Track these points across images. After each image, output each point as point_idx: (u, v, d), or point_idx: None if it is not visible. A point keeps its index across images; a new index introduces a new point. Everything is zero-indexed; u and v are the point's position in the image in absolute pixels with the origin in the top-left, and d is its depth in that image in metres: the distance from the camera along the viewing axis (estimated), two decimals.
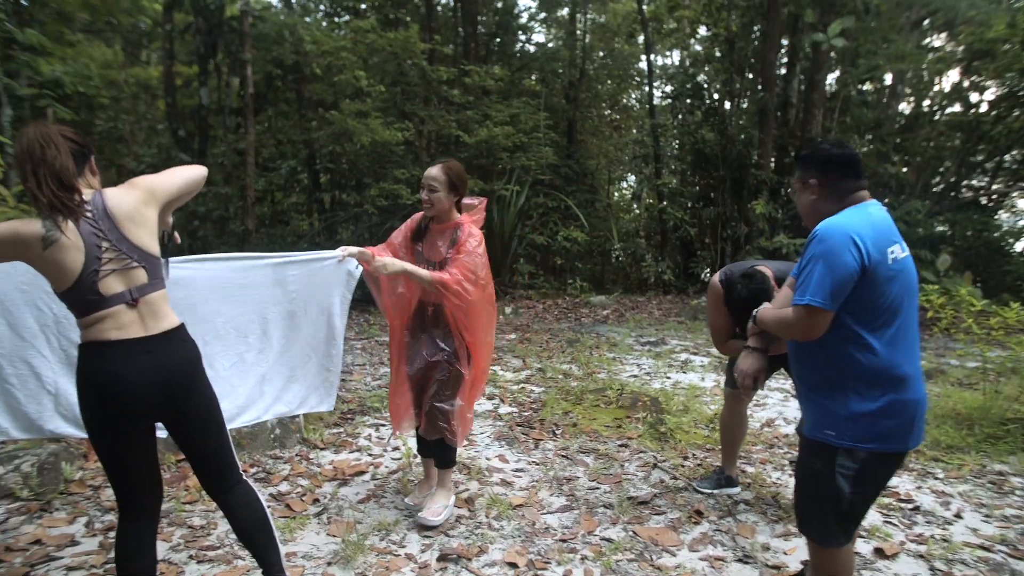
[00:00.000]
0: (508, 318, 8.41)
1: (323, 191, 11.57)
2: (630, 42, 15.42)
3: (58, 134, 1.74)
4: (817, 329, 1.75)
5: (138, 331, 1.79)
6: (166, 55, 11.45)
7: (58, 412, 2.38)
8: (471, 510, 2.90)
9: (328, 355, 2.86)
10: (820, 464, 1.83)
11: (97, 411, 1.78)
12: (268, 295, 2.67)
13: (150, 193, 1.89)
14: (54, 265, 1.70)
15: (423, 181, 2.66)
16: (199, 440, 1.95)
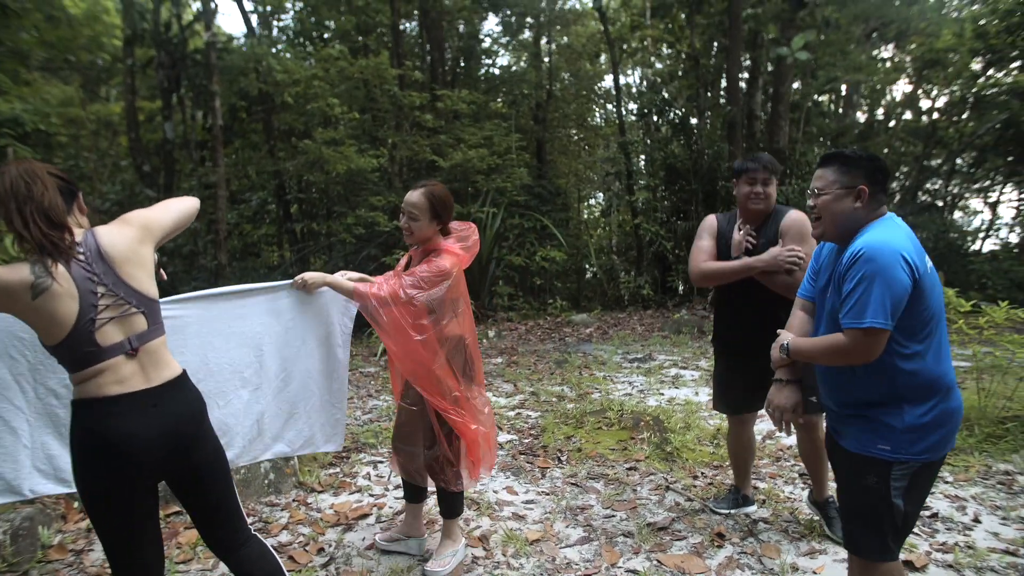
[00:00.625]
0: (492, 341, 8.29)
1: (294, 222, 11.37)
2: (594, 62, 15.64)
3: (44, 171, 1.61)
4: (877, 350, 1.70)
5: (140, 383, 1.64)
6: (128, 90, 11.19)
7: (36, 468, 2.15)
8: (486, 548, 2.76)
9: (330, 390, 2.65)
10: (874, 480, 1.77)
11: (99, 474, 1.61)
12: (261, 326, 2.47)
13: (145, 230, 1.75)
14: (45, 315, 1.54)
15: (403, 207, 2.47)
16: (208, 495, 1.80)
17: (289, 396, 2.55)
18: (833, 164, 1.86)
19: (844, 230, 1.83)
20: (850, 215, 1.82)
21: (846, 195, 1.81)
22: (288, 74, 8.41)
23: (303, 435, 2.58)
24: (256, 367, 2.46)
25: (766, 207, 2.71)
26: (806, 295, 2.09)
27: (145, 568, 1.71)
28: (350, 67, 8.67)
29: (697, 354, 7.06)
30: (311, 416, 2.59)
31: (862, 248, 1.70)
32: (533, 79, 13.74)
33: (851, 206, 1.81)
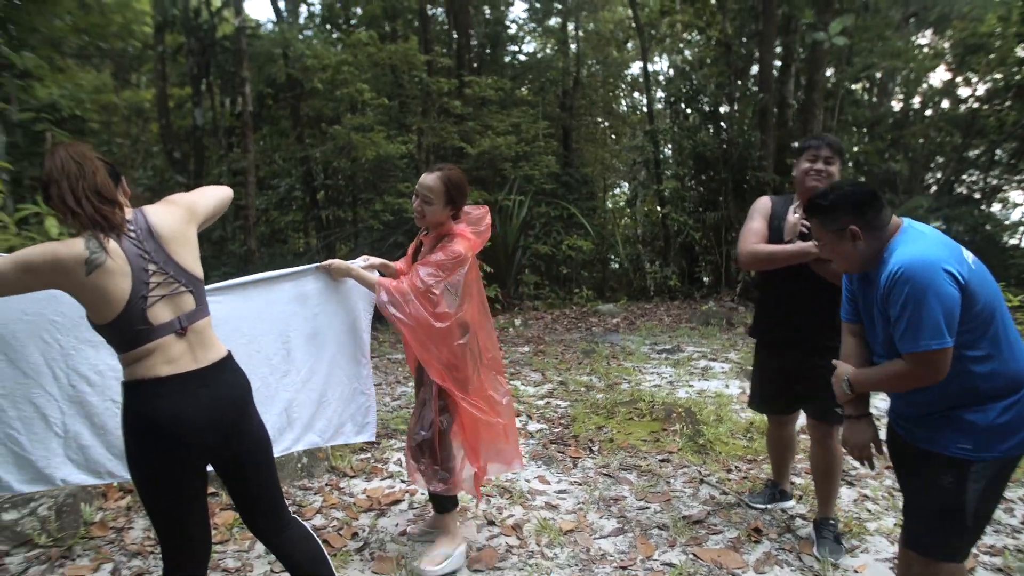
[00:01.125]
0: (519, 330, 8.27)
1: (321, 208, 11.43)
2: (622, 49, 15.43)
3: (90, 152, 1.62)
4: (944, 368, 1.65)
5: (189, 364, 1.63)
6: (158, 77, 11.31)
7: (68, 457, 2.13)
8: (520, 537, 2.74)
9: (358, 376, 2.63)
10: (951, 479, 1.71)
11: (151, 456, 1.62)
12: (289, 312, 2.45)
13: (191, 211, 1.76)
14: (98, 292, 1.53)
15: (417, 189, 2.41)
16: (253, 478, 1.80)
17: (318, 384, 2.52)
18: (815, 216, 1.85)
19: (861, 264, 1.80)
20: (857, 254, 1.78)
21: (841, 239, 1.78)
22: (318, 60, 8.41)
23: (333, 424, 2.56)
24: (284, 354, 2.45)
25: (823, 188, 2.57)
26: (851, 319, 2.00)
27: (192, 546, 1.73)
28: (379, 52, 8.65)
29: (727, 346, 6.96)
30: (341, 405, 2.56)
31: (899, 268, 1.64)
32: (560, 66, 13.60)
33: (853, 247, 1.77)
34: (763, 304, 2.85)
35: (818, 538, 2.63)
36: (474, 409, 2.39)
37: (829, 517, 2.66)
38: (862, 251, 1.76)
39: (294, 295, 2.46)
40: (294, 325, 2.45)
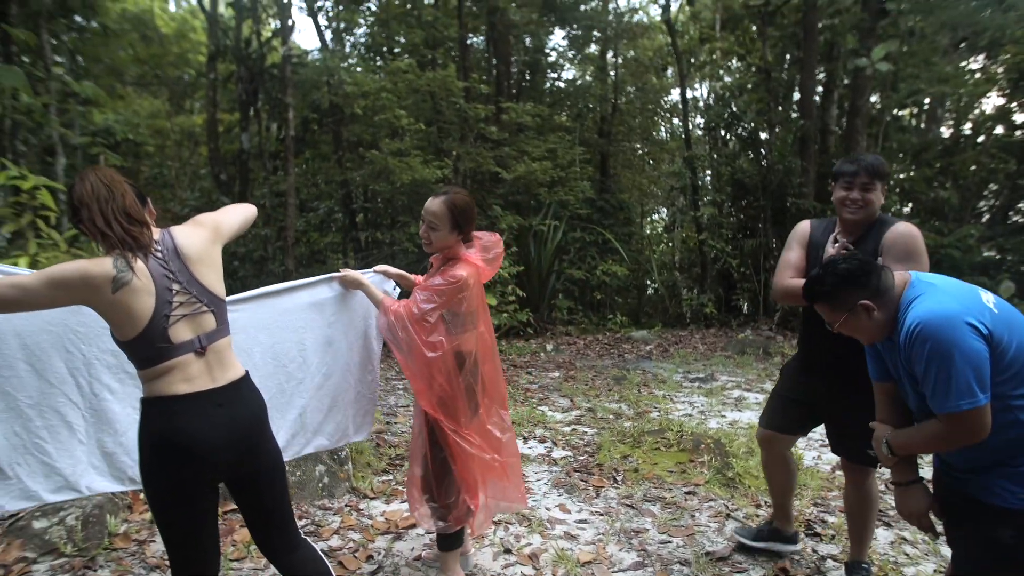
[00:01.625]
0: (550, 355, 8.21)
1: (359, 230, 11.64)
2: (661, 76, 15.44)
3: (119, 176, 1.69)
4: (985, 424, 1.56)
5: (207, 383, 1.67)
6: (209, 103, 11.79)
7: (91, 464, 2.16)
8: (536, 567, 2.68)
9: (363, 381, 2.64)
10: (1010, 534, 1.60)
11: (167, 473, 1.64)
12: (305, 321, 2.48)
13: (216, 232, 1.82)
14: (123, 310, 1.58)
15: (423, 214, 2.33)
16: (266, 497, 1.81)
17: (330, 390, 2.55)
18: (822, 303, 1.79)
19: (882, 333, 1.75)
20: (876, 325, 1.72)
21: (855, 315, 1.72)
22: (357, 86, 8.64)
23: (340, 428, 2.59)
24: (299, 362, 2.48)
25: (864, 216, 2.32)
26: (881, 377, 1.91)
27: (202, 563, 1.74)
28: (417, 80, 8.84)
29: (762, 376, 6.77)
30: (347, 408, 2.59)
31: (917, 324, 1.58)
32: (598, 92, 13.67)
33: (871, 320, 1.71)
34: (805, 334, 2.64)
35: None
36: (465, 443, 2.29)
37: (862, 560, 2.53)
38: (879, 321, 1.71)
39: (310, 303, 2.49)
40: (310, 333, 2.49)
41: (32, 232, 4.52)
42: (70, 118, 7.85)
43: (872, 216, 2.33)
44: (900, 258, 2.20)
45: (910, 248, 2.22)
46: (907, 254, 2.20)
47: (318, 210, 11.71)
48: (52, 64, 7.18)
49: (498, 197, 10.07)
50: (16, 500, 2.03)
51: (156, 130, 13.43)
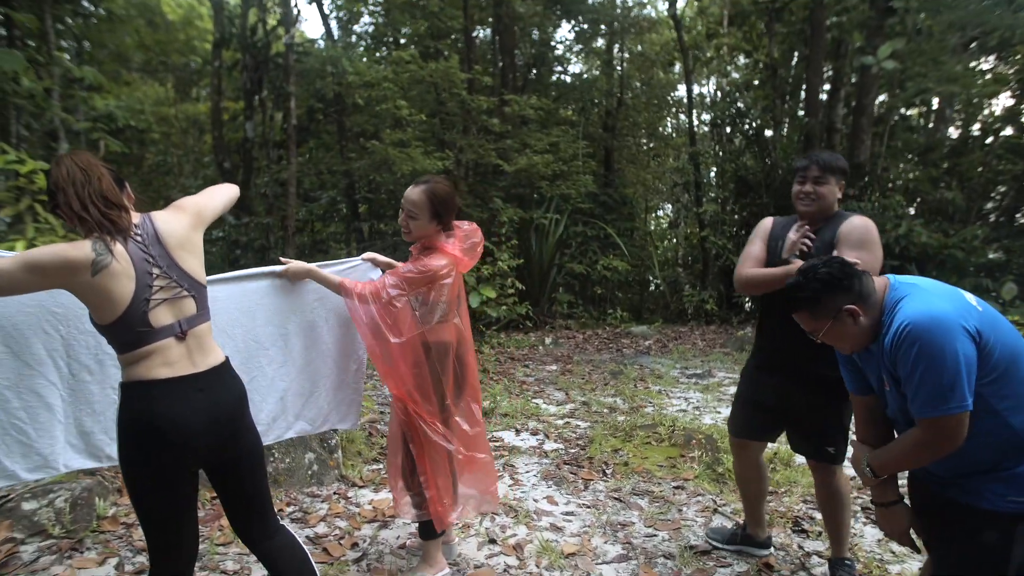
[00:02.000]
0: (548, 348, 8.21)
1: (362, 220, 11.66)
2: (667, 71, 15.36)
3: (96, 160, 1.67)
4: (963, 435, 1.52)
5: (187, 367, 1.67)
6: (214, 91, 11.80)
7: (68, 443, 2.16)
8: (520, 558, 2.69)
9: (348, 369, 2.62)
10: (996, 536, 1.56)
11: (146, 458, 1.63)
12: (288, 304, 2.46)
13: (198, 217, 1.80)
14: (102, 293, 1.57)
15: (402, 203, 2.33)
16: (245, 484, 1.81)
17: (311, 374, 2.53)
18: (803, 310, 1.70)
19: (867, 339, 1.68)
20: (861, 331, 1.65)
21: (840, 320, 1.64)
22: (359, 76, 8.63)
23: (323, 413, 2.56)
24: (281, 344, 2.46)
25: (818, 209, 2.38)
26: (858, 390, 1.85)
27: (180, 550, 1.74)
28: (420, 70, 8.82)
29: None
30: (329, 394, 2.57)
31: (906, 325, 1.52)
32: (604, 86, 13.61)
33: (857, 325, 1.64)
34: (762, 327, 2.66)
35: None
36: (429, 430, 2.29)
37: (843, 557, 2.52)
38: (864, 326, 1.65)
39: (292, 286, 2.46)
40: (292, 316, 2.46)
41: (30, 216, 4.53)
42: (73, 104, 7.86)
43: (827, 209, 2.38)
44: (854, 246, 2.25)
45: (864, 238, 2.26)
46: (861, 242, 2.25)
47: (321, 200, 11.72)
48: (55, 49, 7.18)
49: (499, 190, 10.05)
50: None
51: (161, 117, 13.45)
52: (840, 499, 2.47)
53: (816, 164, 2.37)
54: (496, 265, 8.63)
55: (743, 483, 2.76)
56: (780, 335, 2.48)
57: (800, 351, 2.33)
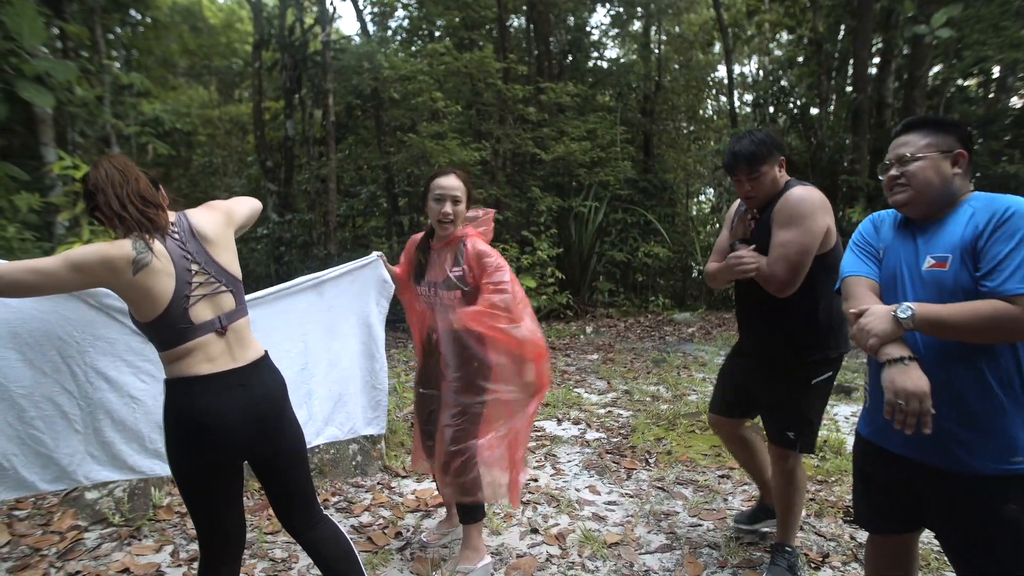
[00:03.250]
0: (589, 337, 8.16)
1: (402, 214, 11.77)
2: (707, 51, 14.98)
3: (131, 163, 1.71)
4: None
5: (228, 363, 1.69)
6: (255, 92, 12.05)
7: (89, 454, 2.13)
8: (562, 548, 2.68)
9: (371, 370, 2.62)
10: (1014, 506, 1.45)
11: (191, 453, 1.66)
12: (305, 306, 2.46)
13: (229, 216, 1.84)
14: (144, 291, 1.59)
15: (442, 193, 2.32)
16: (289, 476, 1.84)
17: (338, 377, 2.52)
18: (922, 128, 1.62)
19: (937, 201, 1.59)
20: (949, 183, 1.58)
21: (943, 159, 1.57)
22: (394, 70, 8.68)
23: (352, 418, 2.56)
24: (302, 347, 2.45)
25: (760, 200, 2.25)
26: (869, 274, 1.70)
27: (226, 539, 1.79)
28: (455, 62, 8.82)
29: None
30: (357, 397, 2.56)
31: (1012, 207, 1.46)
32: (641, 70, 13.37)
33: (949, 172, 1.57)
34: (736, 314, 2.60)
35: (770, 564, 2.41)
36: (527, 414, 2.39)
37: (786, 544, 2.43)
38: (953, 184, 1.57)
39: (311, 286, 2.46)
40: (311, 319, 2.46)
41: (87, 219, 4.73)
42: (124, 109, 8.16)
43: (770, 194, 2.24)
44: (783, 224, 2.15)
45: (792, 213, 2.13)
46: (789, 219, 2.14)
47: (361, 195, 11.87)
48: (106, 58, 7.46)
49: (537, 179, 10.00)
50: (11, 490, 2.05)
51: (206, 120, 13.83)
52: (794, 486, 2.39)
53: (744, 161, 2.20)
54: (536, 254, 8.61)
55: (737, 459, 2.75)
56: (750, 324, 2.46)
57: (766, 340, 2.33)
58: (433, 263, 2.43)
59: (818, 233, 2.11)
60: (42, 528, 2.82)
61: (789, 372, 2.28)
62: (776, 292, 2.15)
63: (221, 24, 15.30)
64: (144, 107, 8.11)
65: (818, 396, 2.31)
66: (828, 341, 2.25)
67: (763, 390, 2.40)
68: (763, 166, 2.19)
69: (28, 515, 2.92)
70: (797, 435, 2.31)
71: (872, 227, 1.77)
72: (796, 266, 2.11)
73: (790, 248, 2.11)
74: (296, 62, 11.43)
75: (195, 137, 13.31)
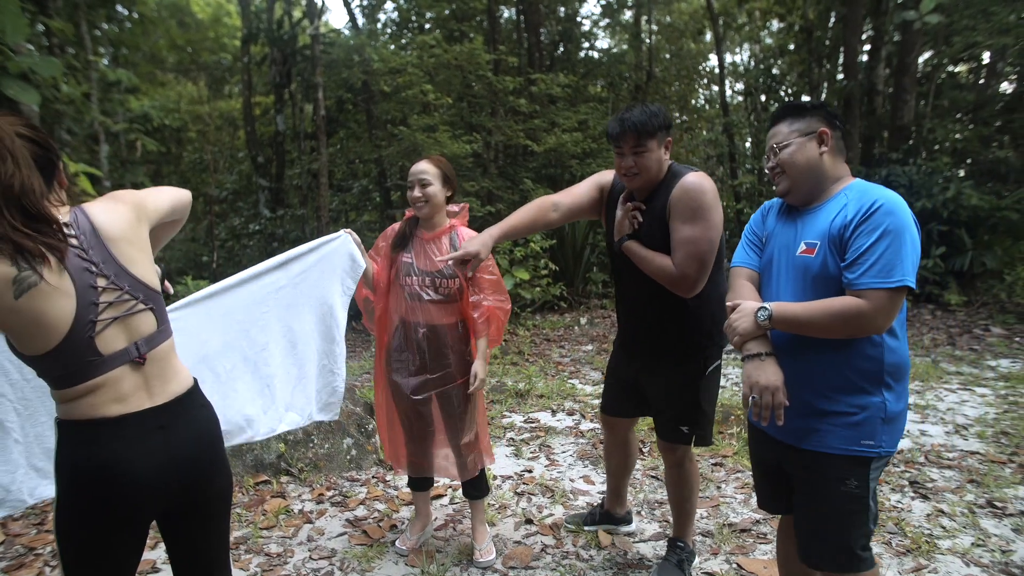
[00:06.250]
0: (583, 328, 8.17)
1: (394, 208, 11.73)
2: (698, 40, 14.95)
3: (12, 134, 1.23)
4: (895, 315, 1.51)
5: (143, 401, 1.31)
6: (245, 87, 11.98)
7: (32, 466, 1.77)
8: (557, 538, 2.70)
9: (331, 353, 2.42)
10: (855, 483, 1.58)
11: (90, 516, 1.27)
12: (269, 281, 2.26)
13: (140, 209, 1.41)
14: (31, 319, 1.20)
15: (411, 178, 2.35)
16: (202, 536, 1.47)
17: (297, 359, 2.34)
18: (786, 117, 1.71)
19: (813, 182, 1.67)
20: (817, 164, 1.65)
21: (808, 141, 1.66)
22: (384, 63, 8.64)
23: (310, 401, 2.38)
24: (262, 325, 2.24)
25: (644, 182, 2.10)
26: (750, 264, 1.80)
27: None
28: (445, 54, 8.78)
29: None
30: (314, 380, 2.39)
31: (879, 201, 1.52)
32: (632, 60, 13.35)
33: (815, 152, 1.65)
34: (617, 308, 2.48)
35: (663, 559, 2.40)
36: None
37: (679, 539, 2.41)
38: (822, 165, 1.65)
39: (276, 262, 2.30)
40: (273, 298, 2.28)
41: None
42: (112, 106, 8.10)
43: (655, 177, 2.10)
44: (686, 218, 2.01)
45: (694, 205, 2.01)
46: (692, 212, 2.01)
47: (352, 189, 11.84)
48: (92, 54, 7.38)
49: (529, 171, 9.99)
50: None
51: (196, 116, 13.74)
52: (687, 480, 2.36)
53: (632, 131, 2.03)
54: (528, 246, 8.60)
55: (608, 457, 2.66)
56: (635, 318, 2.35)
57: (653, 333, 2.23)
58: (422, 253, 2.41)
59: (720, 224, 2.03)
60: (36, 528, 2.82)
61: (681, 363, 2.20)
62: (686, 292, 2.04)
63: (209, 19, 15.16)
64: (132, 104, 8.05)
65: (712, 384, 2.26)
66: (719, 328, 2.15)
67: (654, 384, 2.31)
68: (651, 140, 2.04)
69: (22, 515, 2.91)
70: (691, 428, 2.25)
71: (760, 216, 1.85)
72: (706, 263, 2.02)
73: (700, 244, 2.00)
74: (285, 56, 11.36)
75: (185, 133, 13.22)
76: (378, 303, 2.54)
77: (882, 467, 1.63)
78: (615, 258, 2.27)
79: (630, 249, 2.13)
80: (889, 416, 1.57)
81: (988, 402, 4.38)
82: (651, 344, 2.25)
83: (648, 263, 2.09)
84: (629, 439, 2.59)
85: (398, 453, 2.60)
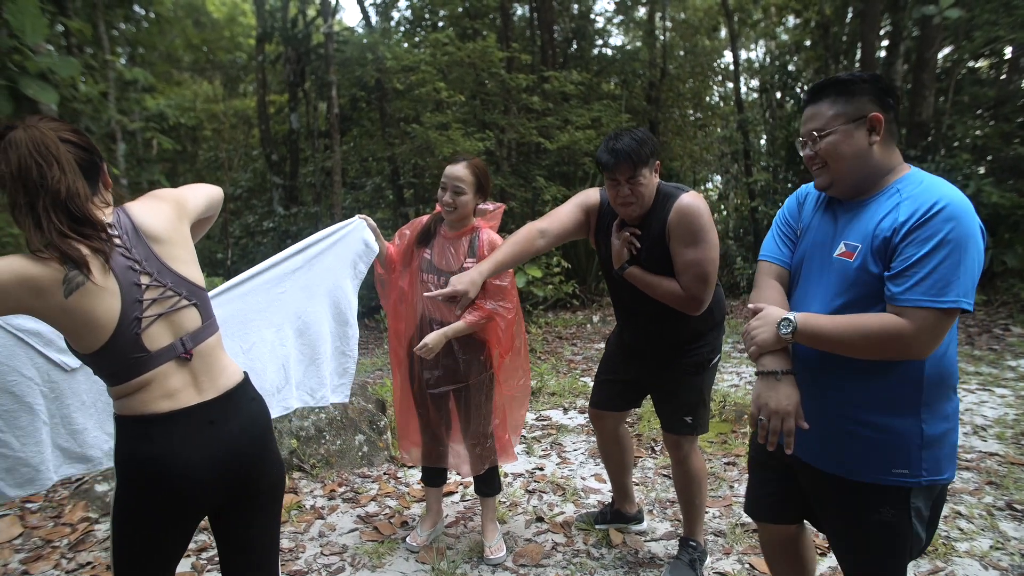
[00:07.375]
0: (596, 326, 8.15)
1: (407, 205, 11.77)
2: (712, 37, 14.83)
3: (56, 140, 1.25)
4: (941, 339, 1.29)
5: (192, 396, 1.35)
6: (259, 85, 12.05)
7: (58, 446, 1.84)
8: (568, 536, 2.69)
9: (343, 335, 2.45)
10: (890, 513, 1.39)
11: (142, 504, 1.33)
12: (287, 264, 2.30)
13: (180, 206, 1.46)
14: (80, 317, 1.24)
15: (445, 181, 2.35)
16: (255, 528, 1.49)
17: (311, 340, 2.38)
18: (827, 96, 1.42)
19: (860, 177, 1.40)
20: (866, 156, 1.38)
21: (856, 129, 1.37)
22: (397, 61, 8.66)
23: (323, 383, 2.42)
24: (278, 305, 2.28)
25: (640, 208, 2.11)
26: (780, 259, 1.58)
27: None
28: (458, 52, 8.78)
29: None
30: (328, 361, 2.42)
31: (940, 203, 1.27)
32: (646, 57, 13.27)
33: (865, 143, 1.37)
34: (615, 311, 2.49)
35: (675, 558, 2.40)
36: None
37: (691, 538, 2.40)
38: (872, 155, 1.38)
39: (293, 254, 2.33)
40: (289, 276, 2.31)
41: None
42: (128, 105, 8.19)
43: (648, 203, 2.12)
44: (687, 242, 2.04)
45: (694, 227, 2.04)
46: (693, 236, 2.04)
47: (366, 187, 11.88)
48: (110, 54, 7.47)
49: (542, 168, 9.97)
50: None
51: (211, 114, 13.86)
52: (695, 477, 2.36)
53: (626, 161, 2.02)
54: None
55: (604, 456, 2.67)
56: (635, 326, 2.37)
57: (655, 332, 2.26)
58: (441, 250, 2.42)
59: (717, 242, 2.08)
60: (53, 520, 2.86)
61: (684, 364, 2.26)
62: (695, 311, 2.09)
63: (224, 18, 15.27)
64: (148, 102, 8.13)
65: (712, 375, 2.34)
66: (717, 333, 2.29)
67: (656, 378, 2.35)
68: (645, 168, 2.05)
69: (40, 508, 2.96)
70: (694, 419, 2.29)
71: (796, 204, 1.62)
72: (711, 282, 2.08)
73: (704, 266, 2.04)
74: (299, 55, 11.41)
75: (200, 132, 13.33)
76: (392, 288, 2.56)
77: (935, 496, 1.42)
78: (613, 280, 2.30)
79: (633, 276, 2.16)
80: (928, 441, 1.35)
81: (1008, 403, 4.30)
82: (653, 349, 2.32)
83: (655, 289, 2.12)
84: (620, 433, 2.61)
85: (410, 440, 2.63)
